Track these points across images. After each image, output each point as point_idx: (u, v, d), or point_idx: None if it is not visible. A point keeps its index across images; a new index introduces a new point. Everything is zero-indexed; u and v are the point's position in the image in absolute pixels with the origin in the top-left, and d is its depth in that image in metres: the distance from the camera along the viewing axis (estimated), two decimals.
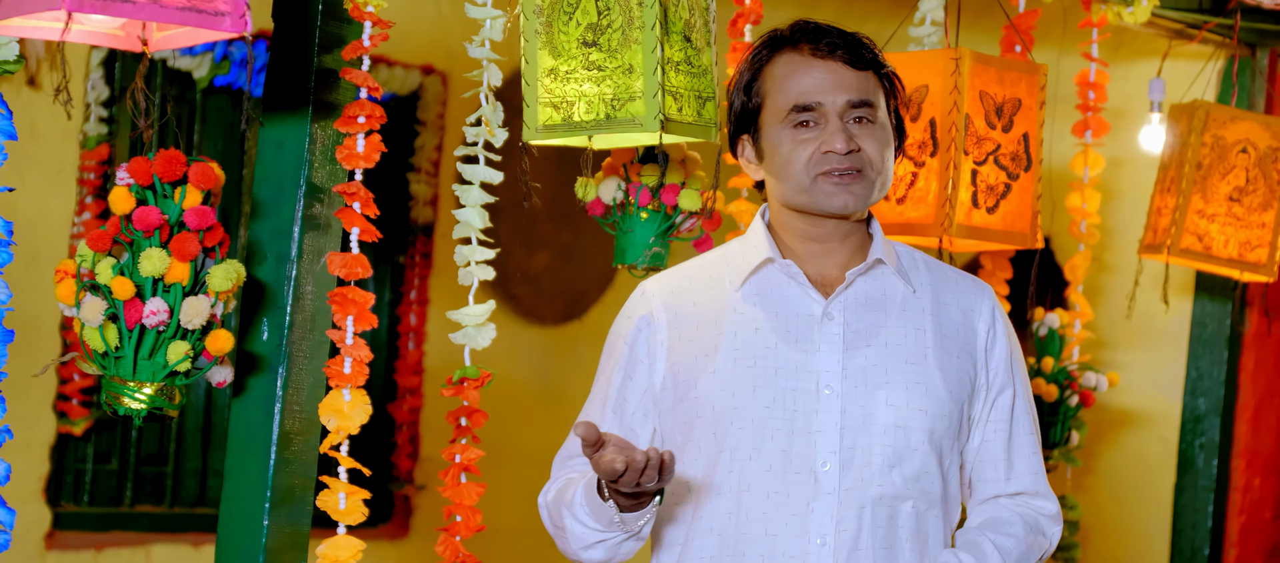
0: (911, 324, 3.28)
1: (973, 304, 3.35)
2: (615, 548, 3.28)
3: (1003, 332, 3.36)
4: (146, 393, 3.48)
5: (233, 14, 3.16)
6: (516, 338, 7.95)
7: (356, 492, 3.93)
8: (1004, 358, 3.34)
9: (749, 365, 3.24)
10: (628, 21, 3.74)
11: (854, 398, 3.21)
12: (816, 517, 3.18)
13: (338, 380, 3.92)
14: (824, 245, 3.31)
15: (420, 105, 7.62)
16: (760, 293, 3.30)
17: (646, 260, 4.25)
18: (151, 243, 3.46)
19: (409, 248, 7.74)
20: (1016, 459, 3.35)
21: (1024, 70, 4.70)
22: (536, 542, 7.87)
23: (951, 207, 4.55)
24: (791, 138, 3.25)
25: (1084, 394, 5.58)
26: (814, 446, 3.20)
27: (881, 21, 3.46)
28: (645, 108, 3.72)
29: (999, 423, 3.34)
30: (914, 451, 3.21)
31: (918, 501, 3.22)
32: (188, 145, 6.98)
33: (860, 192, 3.24)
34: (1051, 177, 5.68)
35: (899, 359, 3.24)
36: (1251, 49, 6.42)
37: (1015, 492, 3.36)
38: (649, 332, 3.36)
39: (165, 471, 7.11)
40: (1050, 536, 3.36)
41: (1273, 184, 5.66)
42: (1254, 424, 6.78)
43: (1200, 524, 6.59)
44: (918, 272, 3.36)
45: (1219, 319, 6.59)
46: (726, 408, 3.23)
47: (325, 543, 3.94)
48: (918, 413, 3.22)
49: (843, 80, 3.25)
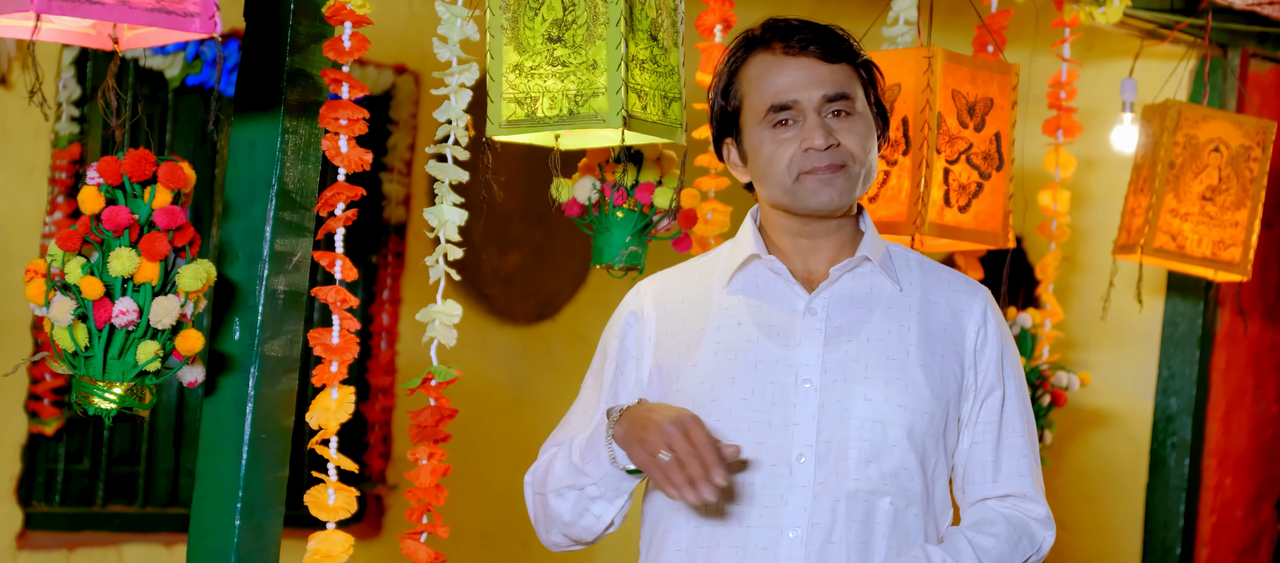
0: (896, 321, 3.28)
1: (964, 305, 3.34)
2: (584, 503, 3.27)
3: (995, 333, 3.34)
4: (116, 393, 3.47)
5: (202, 15, 3.15)
6: (489, 338, 7.94)
7: (346, 489, 3.94)
8: (994, 360, 3.33)
9: (729, 358, 3.26)
10: (592, 18, 3.74)
11: (832, 392, 3.21)
12: (790, 509, 3.18)
13: (325, 379, 3.93)
14: (812, 242, 3.32)
15: (393, 105, 7.61)
16: (746, 289, 3.32)
17: (624, 260, 4.25)
18: (121, 243, 3.45)
19: (381, 247, 7.73)
20: (1005, 462, 3.34)
21: (996, 70, 4.71)
22: (508, 542, 7.90)
23: (924, 205, 4.55)
24: (771, 138, 3.26)
25: (1056, 394, 5.59)
26: (790, 438, 3.20)
27: (854, 21, 3.46)
28: (608, 104, 3.72)
29: (988, 425, 3.33)
30: (892, 446, 3.21)
31: (896, 497, 3.21)
32: (159, 145, 6.96)
33: (843, 185, 3.24)
34: (1023, 176, 5.69)
35: (880, 355, 3.24)
36: (1223, 49, 6.44)
37: (1004, 494, 3.34)
38: (639, 327, 3.40)
39: (137, 471, 7.09)
40: (1040, 539, 3.33)
41: (1245, 183, 5.67)
42: (1225, 424, 6.80)
43: (1172, 524, 6.61)
44: (909, 270, 3.36)
45: (1190, 319, 6.60)
46: (705, 400, 3.24)
47: (315, 538, 3.94)
48: (896, 409, 3.21)
49: (817, 76, 3.26)
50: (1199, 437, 6.63)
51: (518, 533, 7.91)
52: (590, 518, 3.28)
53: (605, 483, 3.23)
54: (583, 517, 3.29)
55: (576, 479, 3.26)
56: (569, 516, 3.30)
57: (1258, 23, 6.34)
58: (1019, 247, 7.00)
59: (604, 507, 3.27)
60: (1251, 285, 6.64)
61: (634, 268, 4.26)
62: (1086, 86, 5.81)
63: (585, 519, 3.29)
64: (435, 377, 4.10)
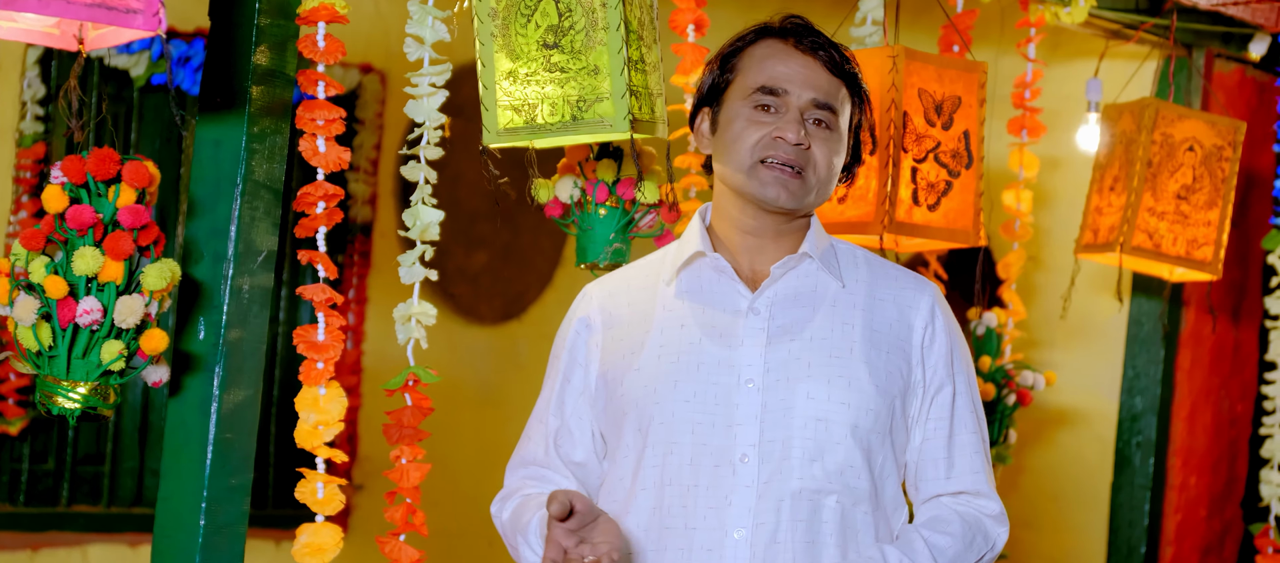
0: (839, 319, 3.27)
1: (911, 301, 3.34)
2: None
3: (943, 330, 3.34)
4: (80, 392, 3.46)
5: (145, 11, 3.14)
6: (455, 337, 7.93)
7: (333, 480, 3.95)
8: (943, 356, 3.33)
9: (672, 361, 3.27)
10: (590, 23, 3.74)
11: (775, 391, 3.21)
12: (735, 510, 3.18)
13: (313, 378, 3.93)
14: (758, 239, 3.32)
15: (359, 104, 7.60)
16: (690, 289, 3.34)
17: (608, 257, 4.24)
18: (85, 242, 3.44)
19: (348, 247, 7.71)
20: (957, 458, 3.33)
21: (963, 68, 4.71)
22: (475, 542, 7.89)
23: (891, 204, 4.56)
24: (748, 117, 3.28)
25: (1021, 393, 5.60)
26: (734, 438, 3.20)
27: (821, 21, 3.46)
28: (614, 108, 3.72)
29: (939, 422, 3.33)
30: (836, 444, 3.20)
31: (841, 496, 3.21)
32: (125, 144, 6.94)
33: (796, 189, 3.25)
34: (989, 176, 5.70)
35: (823, 353, 3.23)
36: (1187, 49, 6.46)
37: (957, 491, 3.33)
38: (586, 335, 3.41)
39: (102, 470, 7.06)
40: (994, 536, 3.33)
41: (1217, 182, 5.69)
42: (1190, 423, 6.81)
43: (1137, 523, 6.62)
44: (856, 268, 3.36)
45: (1155, 318, 6.62)
46: (649, 404, 3.26)
47: (306, 529, 3.94)
48: (840, 406, 3.21)
49: (815, 78, 3.29)
50: (1164, 436, 6.65)
51: (483, 533, 7.87)
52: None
53: None
54: None
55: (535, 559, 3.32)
56: None
57: (1222, 23, 6.36)
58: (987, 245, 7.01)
59: None
60: (1215, 285, 6.66)
61: (619, 265, 4.25)
62: (1051, 86, 5.83)
63: None
64: (419, 378, 4.10)
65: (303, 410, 3.93)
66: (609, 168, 4.23)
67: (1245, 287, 7.02)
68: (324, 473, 3.98)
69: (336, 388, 3.96)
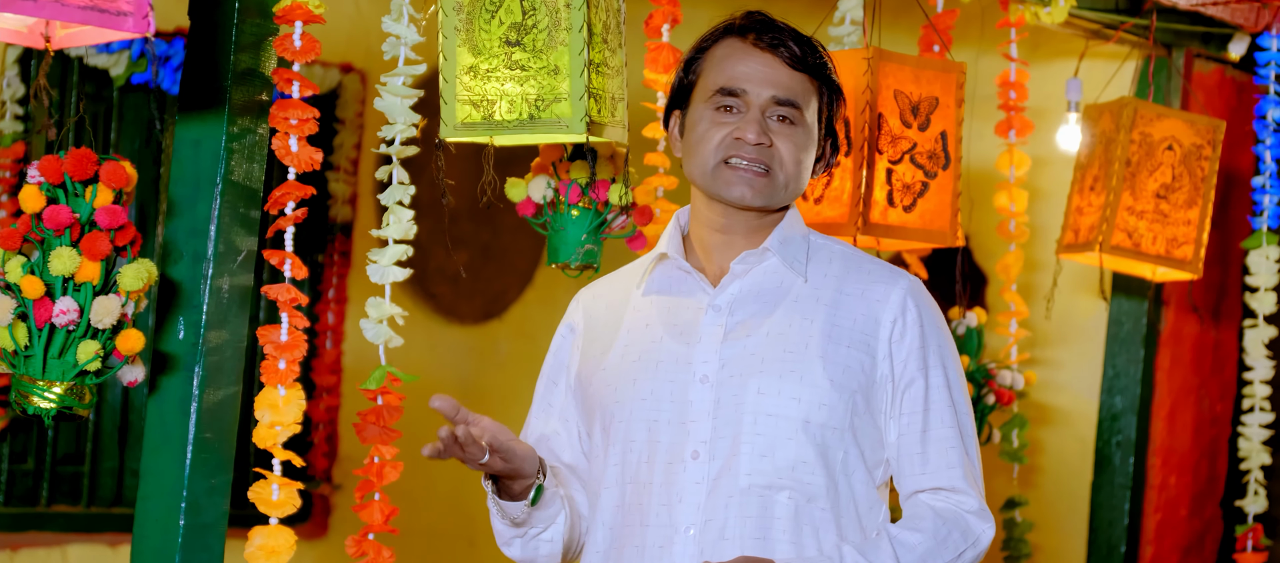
0: (799, 315, 3.27)
1: (881, 295, 3.31)
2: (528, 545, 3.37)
3: (915, 323, 3.31)
4: (56, 392, 3.45)
5: (135, 14, 3.14)
6: (436, 337, 7.92)
7: (290, 484, 3.94)
8: (913, 350, 3.30)
9: (634, 360, 3.30)
10: (554, 23, 3.74)
11: (727, 387, 3.22)
12: (686, 506, 3.19)
13: (274, 377, 3.92)
14: (728, 237, 3.33)
15: (339, 104, 7.58)
16: (658, 289, 3.37)
17: (579, 259, 4.24)
18: (62, 242, 3.44)
19: (327, 246, 7.70)
20: (933, 453, 3.29)
21: (941, 69, 4.71)
22: (454, 542, 7.88)
23: (865, 206, 4.56)
24: (710, 118, 3.28)
25: (1000, 393, 5.61)
26: (687, 434, 3.22)
27: (800, 21, 3.46)
28: (571, 109, 3.72)
29: (912, 416, 3.30)
30: (786, 440, 3.19)
31: (794, 492, 3.19)
32: (104, 143, 6.93)
33: (763, 187, 3.26)
34: (970, 176, 5.70)
35: (777, 349, 3.23)
36: (1167, 49, 6.46)
37: (935, 486, 3.29)
38: (571, 339, 3.46)
39: (82, 470, 7.04)
40: (977, 532, 3.27)
41: (1197, 182, 5.70)
42: (1170, 422, 6.82)
43: (1117, 522, 6.63)
44: (829, 263, 3.35)
45: (1135, 318, 6.62)
46: (611, 403, 3.29)
47: (258, 532, 3.93)
48: (790, 401, 3.20)
49: (774, 76, 3.28)
50: (1144, 435, 6.66)
51: (464, 532, 7.90)
52: (546, 547, 3.39)
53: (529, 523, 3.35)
54: (537, 552, 3.40)
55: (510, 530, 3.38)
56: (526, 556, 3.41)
57: (1202, 23, 6.36)
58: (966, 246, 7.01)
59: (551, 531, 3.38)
60: (1196, 284, 6.67)
61: (589, 266, 4.25)
62: (1031, 86, 5.82)
63: (542, 551, 3.40)
64: (397, 378, 4.10)
65: (259, 411, 3.92)
66: (582, 169, 4.23)
67: (1225, 286, 7.03)
68: (281, 475, 3.96)
69: (297, 390, 3.95)
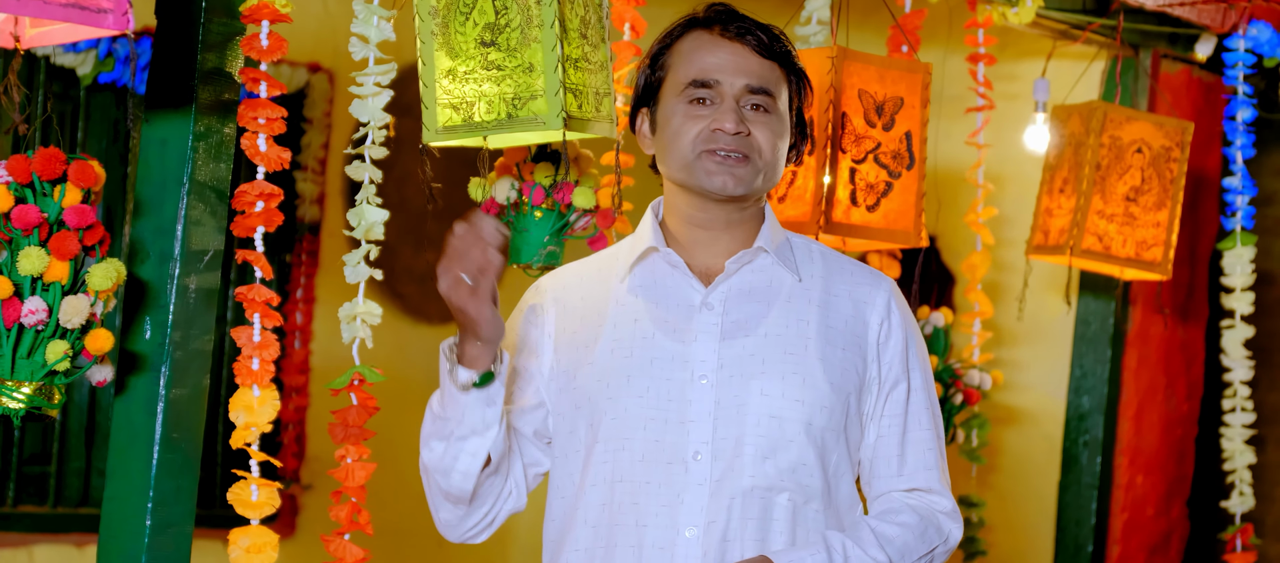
0: (794, 315, 3.26)
1: (867, 297, 3.32)
2: (451, 448, 3.24)
3: (899, 325, 3.32)
4: (25, 392, 3.44)
5: (115, 11, 3.15)
6: (403, 336, 7.91)
7: (269, 485, 3.93)
8: (899, 352, 3.31)
9: (626, 356, 3.26)
10: (526, 20, 3.74)
11: (728, 388, 3.20)
12: (687, 508, 3.17)
13: (247, 377, 3.92)
14: (709, 232, 3.31)
15: (307, 103, 7.57)
16: (644, 284, 3.32)
17: (541, 259, 4.24)
18: (30, 241, 3.43)
19: (295, 246, 7.69)
20: (910, 455, 3.31)
21: (906, 69, 4.72)
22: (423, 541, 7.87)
23: (827, 205, 4.56)
24: (684, 112, 3.26)
25: (968, 392, 5.62)
26: (687, 435, 3.19)
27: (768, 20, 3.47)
28: (547, 106, 3.73)
29: (893, 418, 3.31)
30: (789, 442, 3.19)
31: (794, 493, 3.20)
32: (71, 143, 6.91)
33: (743, 175, 3.24)
34: (937, 176, 5.71)
35: (777, 349, 3.23)
36: (1135, 49, 6.48)
37: (910, 488, 3.31)
38: (538, 321, 3.39)
39: (49, 470, 7.03)
40: (947, 531, 3.29)
41: (1166, 184, 5.72)
42: (1137, 422, 6.84)
43: (1084, 521, 6.65)
44: (811, 263, 3.35)
45: (1103, 318, 6.64)
46: (601, 399, 3.25)
47: (242, 534, 3.93)
48: (794, 404, 3.20)
49: (745, 64, 3.27)
50: (1111, 435, 6.68)
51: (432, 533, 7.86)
52: (465, 459, 3.23)
53: (466, 414, 3.20)
54: (457, 461, 3.24)
55: (440, 427, 3.24)
56: (443, 465, 3.26)
57: (1168, 24, 6.38)
58: (932, 246, 7.03)
59: (476, 443, 3.22)
60: (1163, 285, 6.70)
61: (551, 267, 4.26)
62: (999, 86, 5.84)
63: (461, 462, 3.24)
64: (365, 378, 4.10)
65: (234, 412, 3.92)
66: (546, 170, 4.23)
67: (1193, 286, 7.05)
68: (257, 476, 3.96)
69: (271, 390, 3.95)
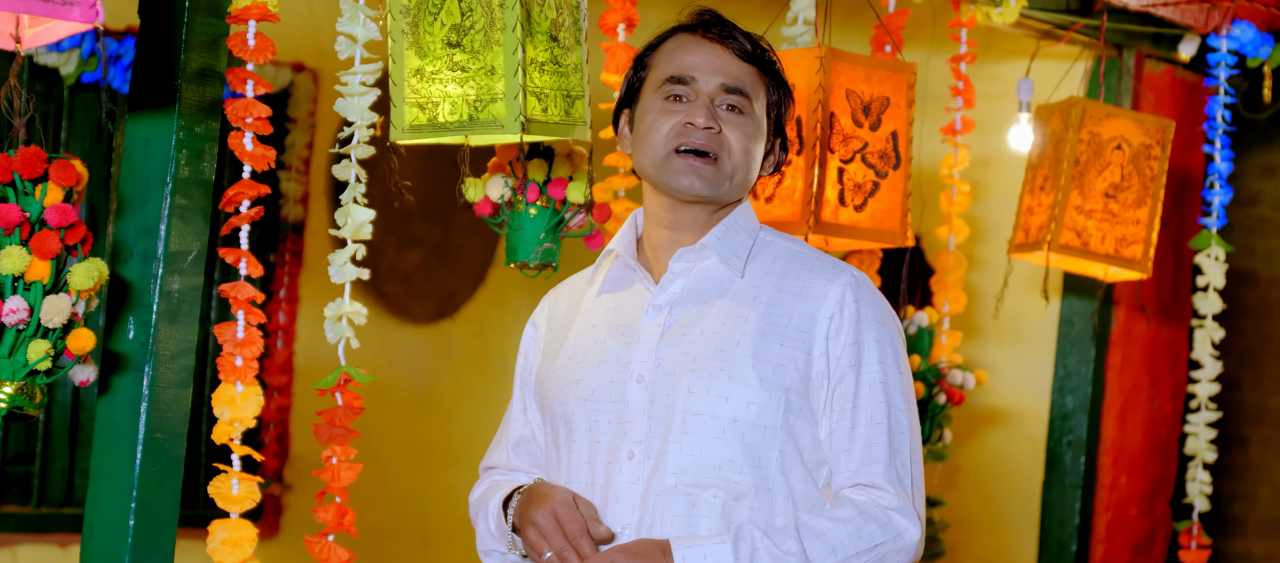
0: (734, 312, 3.26)
1: (820, 292, 3.26)
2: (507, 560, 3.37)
3: (852, 319, 3.24)
4: (6, 392, 3.44)
5: (82, 4, 3.13)
6: (388, 337, 7.91)
7: (250, 479, 3.93)
8: (847, 345, 3.23)
9: (579, 361, 3.32)
10: (489, 23, 3.74)
11: (661, 386, 3.23)
12: (622, 506, 3.21)
13: (232, 374, 3.92)
14: (675, 233, 3.33)
15: (291, 103, 7.56)
16: (610, 288, 3.39)
17: (538, 257, 4.23)
18: (11, 241, 3.42)
19: (279, 246, 7.68)
20: (858, 450, 3.22)
21: (892, 69, 4.72)
22: (408, 541, 7.87)
23: (816, 205, 4.56)
24: (659, 108, 3.29)
25: (951, 392, 5.61)
26: (624, 434, 3.23)
27: (753, 21, 3.47)
28: (506, 109, 3.73)
29: (841, 413, 3.23)
30: (713, 439, 3.19)
31: (721, 490, 3.18)
32: (55, 142, 6.90)
33: (710, 176, 3.26)
34: (921, 176, 5.72)
35: (709, 348, 3.23)
36: (1118, 49, 6.49)
37: (855, 483, 3.21)
38: (535, 339, 3.49)
39: (32, 470, 7.02)
40: (898, 528, 3.16)
41: (1146, 181, 5.72)
42: (1120, 422, 6.85)
43: (1068, 521, 6.66)
44: (771, 260, 3.33)
45: (1086, 317, 6.65)
46: (557, 403, 3.32)
47: (221, 526, 3.92)
48: (718, 400, 3.19)
49: (723, 64, 3.29)
50: (1094, 435, 6.69)
51: (417, 532, 7.89)
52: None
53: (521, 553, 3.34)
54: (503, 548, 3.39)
55: (498, 544, 3.38)
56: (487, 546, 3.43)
57: (1152, 24, 6.39)
58: (917, 245, 7.03)
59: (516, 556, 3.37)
60: (1146, 284, 6.70)
61: (548, 265, 4.25)
62: (983, 86, 5.85)
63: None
64: (352, 378, 4.10)
65: (218, 407, 3.92)
66: (540, 167, 4.23)
67: (1177, 287, 7.06)
68: (239, 470, 3.96)
69: (254, 388, 3.95)
